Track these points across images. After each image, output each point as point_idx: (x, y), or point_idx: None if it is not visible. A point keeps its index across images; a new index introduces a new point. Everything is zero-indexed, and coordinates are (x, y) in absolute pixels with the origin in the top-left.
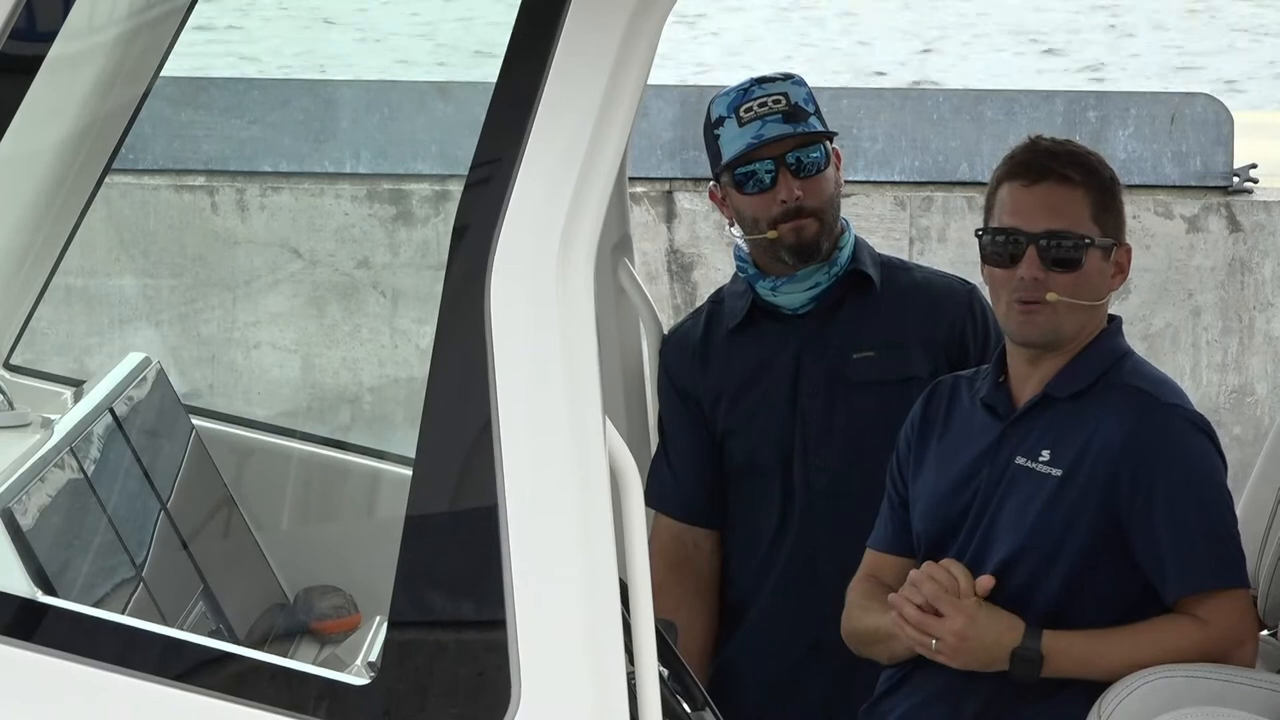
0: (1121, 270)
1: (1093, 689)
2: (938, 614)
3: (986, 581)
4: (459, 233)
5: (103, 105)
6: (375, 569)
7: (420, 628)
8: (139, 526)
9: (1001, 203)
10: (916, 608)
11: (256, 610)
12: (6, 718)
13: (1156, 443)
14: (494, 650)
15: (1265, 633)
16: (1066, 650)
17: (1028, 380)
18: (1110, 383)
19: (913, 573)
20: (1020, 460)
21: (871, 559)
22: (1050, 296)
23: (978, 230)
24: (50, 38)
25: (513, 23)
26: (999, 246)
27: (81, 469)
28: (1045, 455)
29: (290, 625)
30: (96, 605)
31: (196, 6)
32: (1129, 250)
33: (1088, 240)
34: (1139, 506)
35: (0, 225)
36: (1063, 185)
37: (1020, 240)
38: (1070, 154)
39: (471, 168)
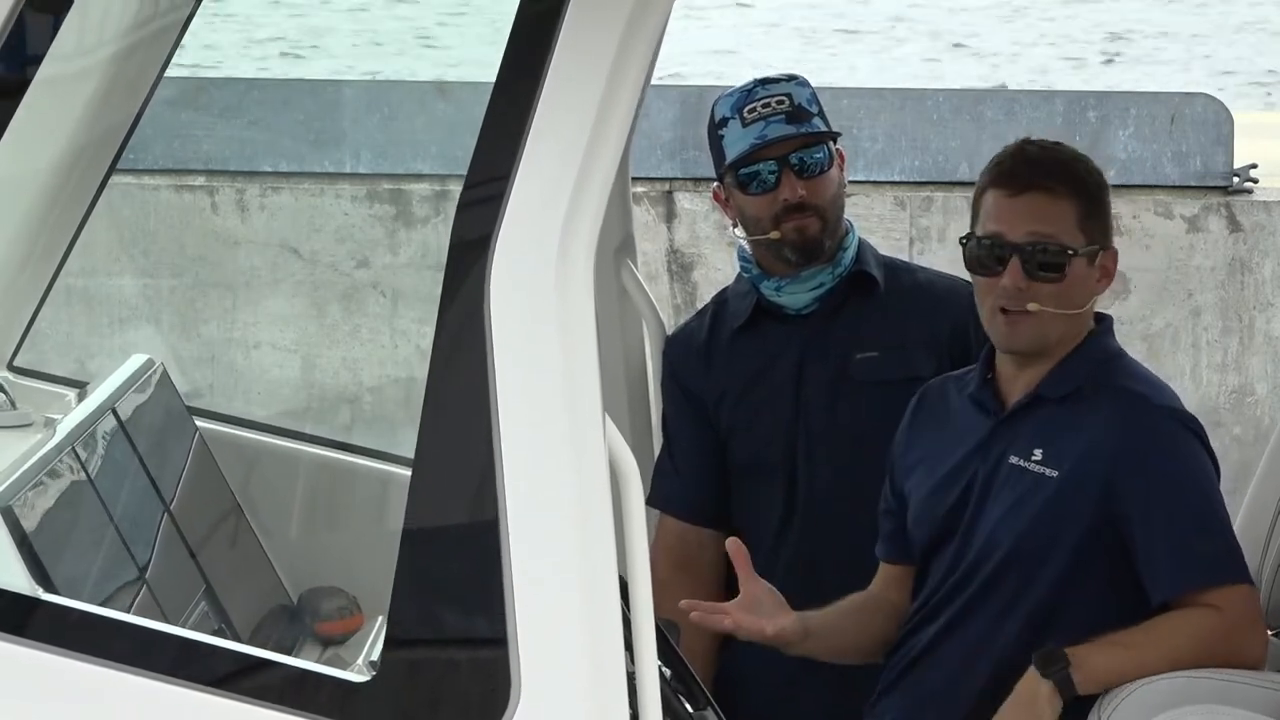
0: (1107, 274)
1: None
2: None
3: None
4: (457, 235)
5: (106, 109)
6: (378, 570)
7: (420, 626)
8: (141, 526)
9: (986, 210)
10: None
11: (259, 611)
12: (7, 716)
13: (1148, 444)
14: (494, 648)
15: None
16: (1095, 668)
17: (1016, 381)
18: (1101, 384)
19: None
20: (1014, 459)
21: (880, 571)
22: (1032, 306)
23: (962, 237)
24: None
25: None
26: (983, 253)
27: (83, 468)
28: (1038, 455)
29: (293, 626)
30: (98, 605)
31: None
32: (1115, 254)
33: (1071, 250)
34: (1133, 508)
35: (3, 228)
36: (1046, 195)
37: (1004, 248)
38: (1056, 161)
39: (469, 169)
